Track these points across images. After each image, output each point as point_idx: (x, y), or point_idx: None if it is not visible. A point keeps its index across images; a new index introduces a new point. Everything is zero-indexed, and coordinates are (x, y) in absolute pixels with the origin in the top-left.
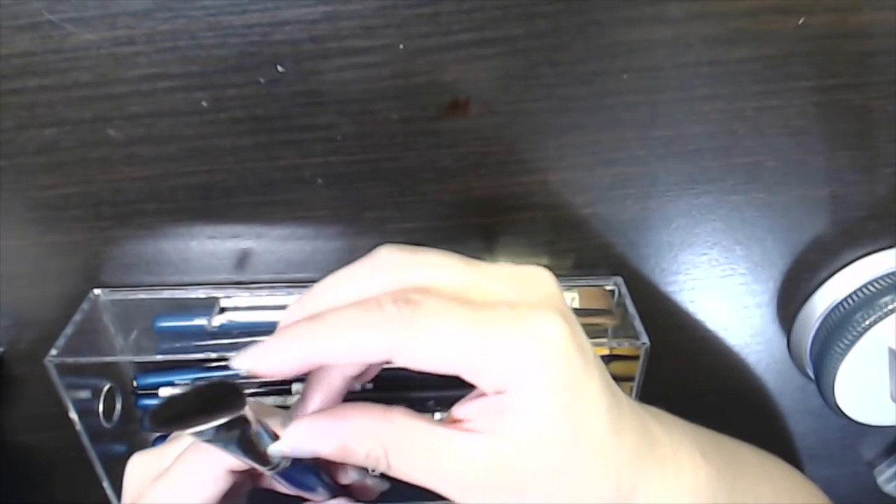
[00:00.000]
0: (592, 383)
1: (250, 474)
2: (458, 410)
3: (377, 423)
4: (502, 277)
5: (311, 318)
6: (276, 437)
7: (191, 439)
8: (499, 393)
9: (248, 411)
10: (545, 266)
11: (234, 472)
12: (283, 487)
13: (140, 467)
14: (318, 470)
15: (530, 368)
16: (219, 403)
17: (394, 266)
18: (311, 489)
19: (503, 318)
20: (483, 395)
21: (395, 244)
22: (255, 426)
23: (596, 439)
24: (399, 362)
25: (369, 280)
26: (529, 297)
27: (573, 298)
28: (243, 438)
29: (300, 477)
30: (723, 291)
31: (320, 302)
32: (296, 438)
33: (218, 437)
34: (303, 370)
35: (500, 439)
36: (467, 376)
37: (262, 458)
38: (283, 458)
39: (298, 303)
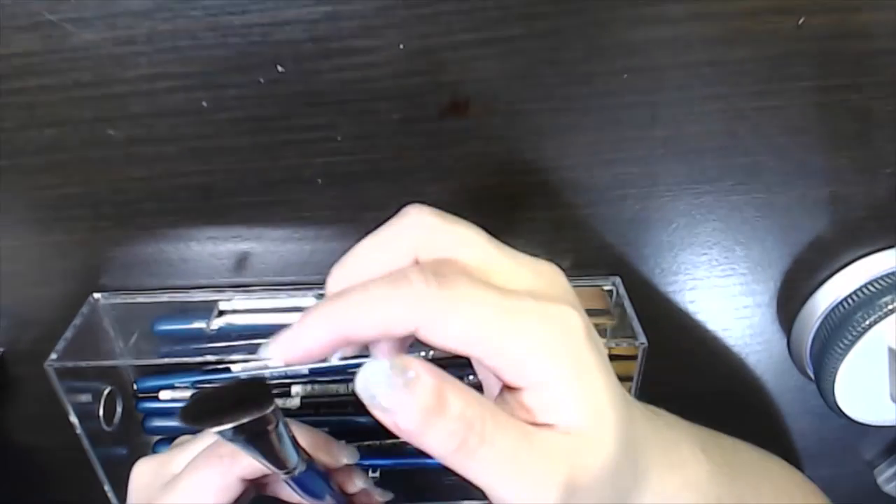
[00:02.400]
0: (610, 377)
1: (256, 483)
2: (517, 401)
3: (480, 397)
4: (524, 267)
5: (336, 296)
6: (296, 441)
7: (202, 446)
8: (521, 384)
9: (275, 411)
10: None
11: (245, 480)
12: (292, 493)
13: (146, 474)
14: (328, 478)
15: (556, 357)
16: (248, 401)
17: (423, 228)
18: (319, 497)
19: (528, 308)
20: (515, 388)
21: (424, 205)
22: (280, 427)
23: (623, 431)
24: (423, 336)
25: (397, 241)
26: (550, 290)
27: None
28: (266, 439)
29: (310, 483)
30: (723, 291)
31: (352, 270)
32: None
33: (241, 436)
34: (333, 348)
35: (569, 433)
36: (489, 361)
37: (280, 461)
38: (300, 462)
39: (333, 274)
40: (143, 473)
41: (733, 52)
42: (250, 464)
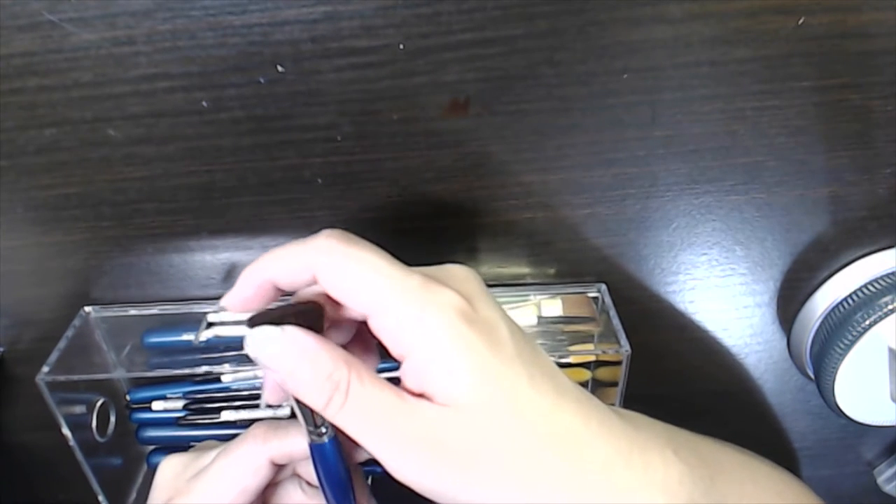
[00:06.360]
0: (502, 357)
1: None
2: (403, 370)
3: (351, 359)
4: (421, 268)
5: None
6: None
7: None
8: (397, 352)
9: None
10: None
11: (275, 464)
12: (315, 482)
13: (175, 468)
14: (349, 480)
15: (425, 330)
16: (304, 319)
17: (324, 252)
18: (340, 495)
19: (410, 286)
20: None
21: (334, 231)
22: None
23: (525, 405)
24: (321, 282)
25: (299, 257)
26: (442, 279)
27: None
28: None
29: (333, 462)
30: (723, 291)
31: (255, 273)
32: (279, 336)
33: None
34: (264, 293)
35: (442, 405)
36: (372, 324)
37: (313, 413)
38: (329, 429)
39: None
40: (172, 468)
41: (733, 52)
42: (280, 445)
